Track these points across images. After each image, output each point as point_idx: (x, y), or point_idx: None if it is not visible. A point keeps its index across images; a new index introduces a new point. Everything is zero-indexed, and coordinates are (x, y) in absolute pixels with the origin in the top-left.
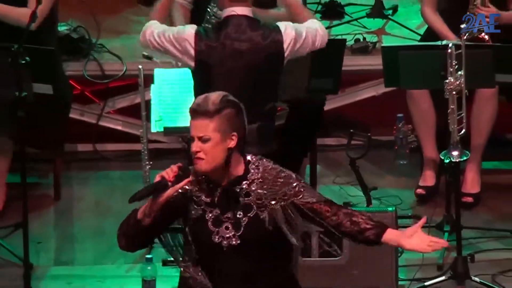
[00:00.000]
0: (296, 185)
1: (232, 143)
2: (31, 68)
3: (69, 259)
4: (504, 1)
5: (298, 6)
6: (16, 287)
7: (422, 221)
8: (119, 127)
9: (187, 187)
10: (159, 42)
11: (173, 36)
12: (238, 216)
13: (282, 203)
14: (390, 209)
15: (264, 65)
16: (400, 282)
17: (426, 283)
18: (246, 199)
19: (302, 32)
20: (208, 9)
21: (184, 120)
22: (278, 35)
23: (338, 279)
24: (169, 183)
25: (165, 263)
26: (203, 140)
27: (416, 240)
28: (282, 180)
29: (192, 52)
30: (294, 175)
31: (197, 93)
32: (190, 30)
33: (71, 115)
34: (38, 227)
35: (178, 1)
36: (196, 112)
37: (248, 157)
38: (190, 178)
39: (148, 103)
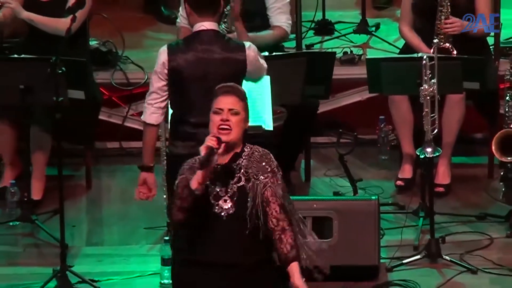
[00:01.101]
0: (269, 176)
1: (247, 126)
2: (67, 77)
3: (98, 240)
4: (469, 9)
5: None
6: (54, 265)
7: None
8: (141, 127)
9: None
10: (149, 102)
11: (155, 70)
12: (233, 188)
13: (260, 182)
14: (373, 197)
15: (229, 73)
16: (382, 260)
17: (404, 261)
18: (238, 173)
19: (262, 61)
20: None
21: None
22: (241, 49)
23: (329, 257)
24: (215, 149)
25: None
26: (233, 112)
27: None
28: (266, 161)
29: (166, 63)
30: (276, 167)
31: (172, 101)
32: (163, 49)
33: (100, 117)
34: (72, 213)
35: (182, 25)
36: (229, 90)
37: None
38: (223, 147)
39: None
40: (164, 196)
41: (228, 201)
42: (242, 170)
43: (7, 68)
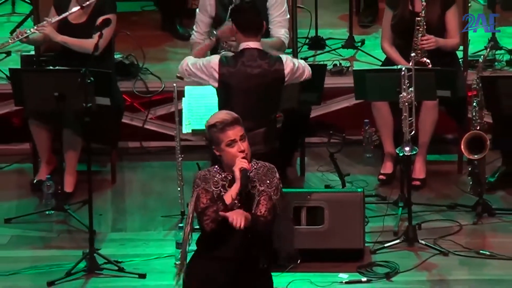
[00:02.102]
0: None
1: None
2: (94, 86)
3: (122, 227)
4: (441, 31)
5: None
6: (84, 248)
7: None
8: (159, 129)
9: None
10: (192, 70)
11: (203, 64)
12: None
13: (264, 187)
14: (359, 190)
15: (270, 85)
16: (366, 244)
17: (386, 245)
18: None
19: (299, 66)
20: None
21: None
22: (280, 64)
23: (320, 241)
24: (249, 170)
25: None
26: (242, 138)
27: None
28: (269, 175)
29: (217, 75)
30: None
31: (221, 106)
32: (215, 59)
33: (123, 120)
34: (99, 203)
35: (196, 41)
36: (231, 123)
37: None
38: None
39: (180, 112)
40: (179, 189)
41: (236, 204)
42: (253, 180)
43: (44, 78)
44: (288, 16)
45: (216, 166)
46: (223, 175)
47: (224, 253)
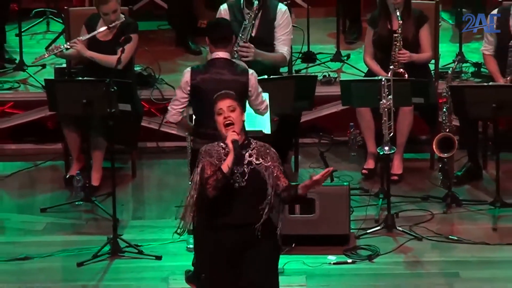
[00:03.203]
0: (272, 161)
1: (243, 119)
2: (117, 94)
3: (141, 215)
4: (415, 46)
5: None
6: (108, 233)
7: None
8: (173, 131)
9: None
10: (173, 103)
11: (179, 85)
12: (244, 168)
13: (268, 164)
14: (345, 183)
15: (236, 89)
16: (351, 230)
17: (368, 231)
18: (249, 158)
19: (260, 94)
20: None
21: None
22: (246, 75)
23: (312, 228)
24: (238, 140)
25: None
26: (231, 109)
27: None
28: (269, 152)
29: (189, 81)
30: (274, 154)
31: (194, 109)
32: (187, 70)
33: (142, 124)
34: (121, 195)
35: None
36: (224, 95)
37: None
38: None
39: (190, 116)
40: (189, 183)
41: (240, 177)
42: (254, 157)
43: (74, 87)
44: (292, 36)
45: (219, 142)
46: (226, 150)
47: (228, 220)
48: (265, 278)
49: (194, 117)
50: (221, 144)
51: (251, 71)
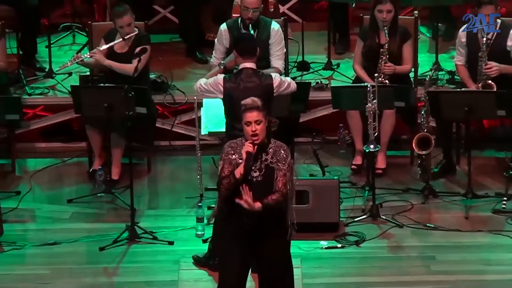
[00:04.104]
0: (285, 163)
1: (266, 125)
2: (135, 99)
3: (155, 205)
4: (399, 59)
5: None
6: (126, 221)
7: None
8: (183, 131)
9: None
10: (204, 87)
11: (211, 83)
12: (262, 166)
13: (280, 165)
14: (335, 177)
15: (263, 96)
16: (340, 218)
17: (355, 219)
18: (266, 156)
19: (285, 80)
20: None
21: (219, 127)
22: (270, 80)
23: (306, 217)
24: (253, 153)
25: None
26: (257, 122)
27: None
28: (283, 154)
29: (222, 89)
30: (289, 158)
31: (226, 114)
32: (220, 77)
33: (157, 125)
34: (138, 188)
35: (214, 63)
36: (252, 108)
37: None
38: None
39: (199, 118)
40: (198, 177)
41: (257, 172)
42: (269, 156)
43: (96, 93)
44: (285, 50)
45: (242, 138)
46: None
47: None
48: (280, 263)
49: (225, 121)
50: (243, 139)
51: (274, 74)
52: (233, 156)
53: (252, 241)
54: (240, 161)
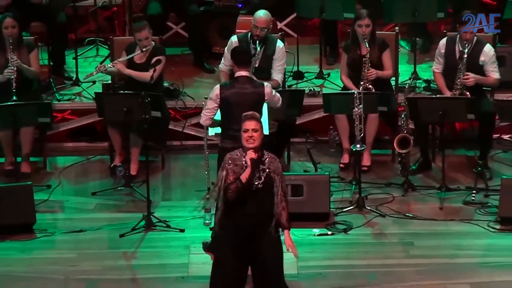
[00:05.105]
0: (280, 172)
1: (263, 137)
2: (150, 104)
3: (168, 197)
4: (380, 67)
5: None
6: (143, 211)
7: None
8: (193, 133)
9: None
10: (205, 112)
11: (211, 97)
12: (261, 174)
13: (275, 175)
14: (326, 173)
15: (255, 100)
16: (331, 209)
17: (344, 210)
18: (263, 167)
19: (276, 94)
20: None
21: None
22: (262, 88)
23: (301, 207)
24: (256, 159)
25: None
26: (255, 130)
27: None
28: (275, 163)
29: (219, 95)
30: (280, 166)
31: (223, 116)
32: (216, 86)
33: (170, 127)
34: (153, 182)
35: (222, 70)
36: (251, 117)
37: (266, 153)
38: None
39: None
40: (206, 173)
41: (257, 181)
42: (266, 166)
43: (117, 99)
44: (285, 66)
45: (240, 150)
46: (245, 156)
47: (245, 211)
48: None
49: (221, 121)
50: (240, 151)
51: (266, 83)
52: (232, 166)
53: (247, 245)
54: (241, 170)
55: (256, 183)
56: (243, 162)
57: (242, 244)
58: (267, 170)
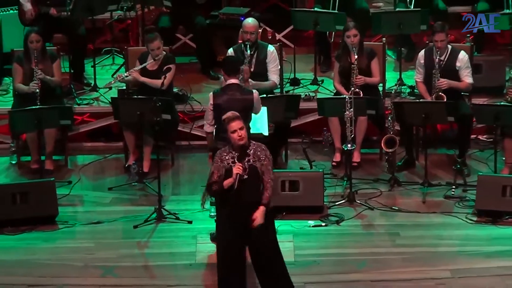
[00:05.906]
0: (265, 158)
1: (249, 130)
2: (161, 107)
3: (177, 192)
4: (368, 74)
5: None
6: (154, 205)
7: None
8: (200, 134)
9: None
10: (207, 122)
11: (208, 108)
12: (245, 166)
13: (261, 162)
14: (320, 170)
15: (244, 106)
16: (324, 202)
17: (336, 203)
18: (248, 157)
19: (260, 103)
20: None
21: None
22: (251, 95)
23: (297, 201)
24: (241, 175)
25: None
26: (241, 128)
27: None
28: (262, 152)
29: (212, 102)
30: (268, 153)
31: (216, 120)
32: (210, 95)
33: (179, 128)
34: (164, 178)
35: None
36: (235, 119)
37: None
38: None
39: None
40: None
41: (243, 171)
42: (251, 156)
43: (131, 103)
44: (279, 67)
45: (228, 147)
46: (232, 153)
47: (237, 201)
48: (266, 235)
49: (215, 125)
50: (228, 148)
51: (254, 90)
52: (219, 163)
53: (243, 227)
54: (228, 165)
55: (243, 174)
56: (229, 159)
57: (236, 224)
58: (251, 161)
